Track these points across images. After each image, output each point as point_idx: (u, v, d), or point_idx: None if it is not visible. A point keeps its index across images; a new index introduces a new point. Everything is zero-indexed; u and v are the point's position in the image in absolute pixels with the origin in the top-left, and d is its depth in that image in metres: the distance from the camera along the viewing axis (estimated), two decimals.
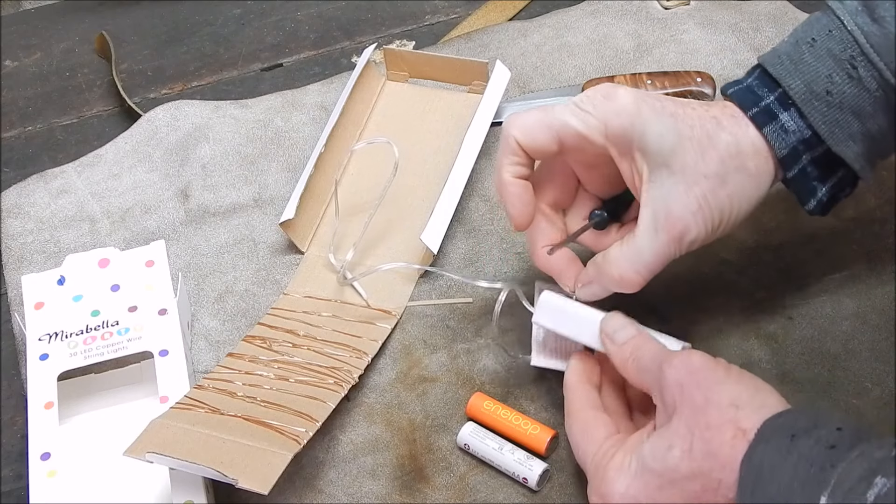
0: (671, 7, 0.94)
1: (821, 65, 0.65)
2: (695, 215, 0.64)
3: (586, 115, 0.64)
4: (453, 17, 0.99)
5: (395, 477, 0.69)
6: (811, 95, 0.65)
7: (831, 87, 0.65)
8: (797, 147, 0.66)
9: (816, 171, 0.67)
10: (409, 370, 0.74)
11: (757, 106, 0.66)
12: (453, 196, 0.79)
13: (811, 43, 0.66)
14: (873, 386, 0.70)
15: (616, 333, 0.64)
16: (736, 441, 0.56)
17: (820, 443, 0.53)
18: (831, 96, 0.65)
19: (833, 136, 0.65)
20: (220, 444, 0.65)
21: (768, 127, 0.65)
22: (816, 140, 0.66)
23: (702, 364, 0.59)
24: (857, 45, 0.64)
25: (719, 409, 0.57)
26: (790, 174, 0.67)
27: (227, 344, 0.76)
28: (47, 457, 0.66)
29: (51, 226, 0.84)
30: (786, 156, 0.66)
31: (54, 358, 0.70)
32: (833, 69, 0.65)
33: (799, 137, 0.66)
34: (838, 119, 0.65)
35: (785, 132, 0.66)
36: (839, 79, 0.65)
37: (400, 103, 0.89)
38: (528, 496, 0.68)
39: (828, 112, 0.65)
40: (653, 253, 0.64)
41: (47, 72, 0.98)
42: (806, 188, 0.67)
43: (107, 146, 0.89)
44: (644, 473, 0.58)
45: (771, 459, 0.54)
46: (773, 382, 0.70)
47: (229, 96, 0.94)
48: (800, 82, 0.65)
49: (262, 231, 0.83)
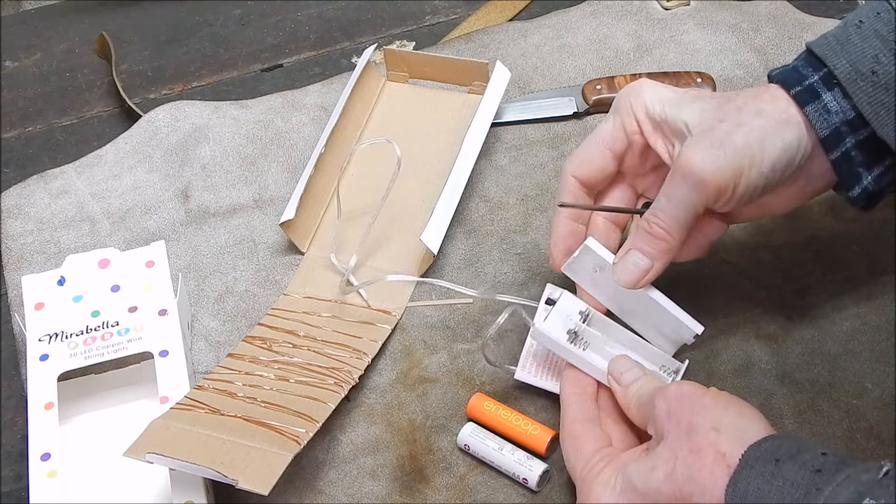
0: (671, 7, 0.94)
1: (867, 45, 0.63)
2: (708, 153, 0.63)
3: (623, 117, 0.68)
4: (453, 18, 0.99)
5: (395, 477, 0.69)
6: (856, 75, 0.63)
7: (877, 67, 0.63)
8: (840, 128, 0.64)
9: (862, 156, 0.65)
10: (409, 371, 0.74)
11: (800, 85, 0.65)
12: (453, 196, 0.79)
13: (858, 25, 0.64)
14: (873, 386, 0.70)
15: (622, 375, 0.65)
16: (715, 465, 0.56)
17: (805, 467, 0.53)
18: (877, 76, 0.63)
19: (878, 118, 0.63)
20: (220, 444, 0.65)
21: (810, 106, 0.64)
22: (861, 122, 0.64)
23: (690, 392, 0.60)
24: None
25: (701, 434, 0.57)
26: (833, 156, 0.65)
27: (227, 344, 0.76)
28: (47, 457, 0.66)
29: (51, 226, 0.84)
30: (827, 136, 0.64)
31: (54, 358, 0.70)
32: (880, 49, 0.63)
33: (842, 118, 0.64)
34: (884, 101, 0.63)
35: (827, 112, 0.64)
36: (886, 59, 0.63)
37: (400, 104, 0.89)
38: (528, 496, 0.68)
39: (873, 93, 0.63)
40: (677, 202, 0.64)
41: (47, 72, 0.98)
42: (850, 172, 0.65)
43: (107, 146, 0.89)
44: (627, 492, 0.59)
45: (756, 485, 0.54)
46: (773, 382, 0.71)
47: (229, 97, 0.94)
48: (845, 62, 0.64)
49: (262, 231, 0.83)
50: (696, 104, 0.66)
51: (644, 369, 0.66)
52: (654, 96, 0.67)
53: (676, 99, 0.67)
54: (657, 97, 0.67)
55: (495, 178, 0.84)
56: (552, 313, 0.69)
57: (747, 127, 0.63)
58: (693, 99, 0.66)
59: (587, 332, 0.68)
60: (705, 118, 0.64)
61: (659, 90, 0.67)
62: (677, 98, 0.67)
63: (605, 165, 0.69)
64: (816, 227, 0.78)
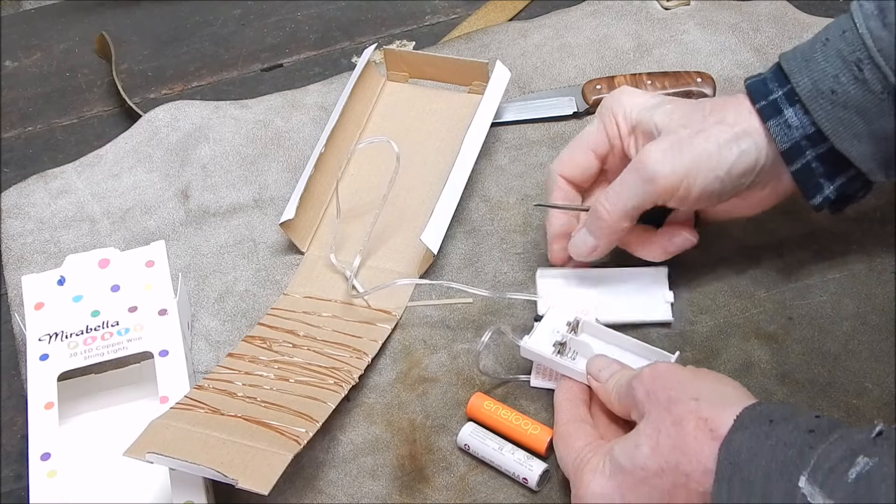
0: (671, 7, 0.94)
1: (829, 64, 0.66)
2: (665, 154, 0.67)
3: (605, 120, 0.73)
4: (453, 18, 0.99)
5: (395, 477, 0.69)
6: (816, 93, 0.67)
7: (836, 86, 0.66)
8: (800, 142, 0.68)
9: (823, 168, 0.69)
10: (409, 370, 0.74)
11: (765, 99, 0.68)
12: (453, 196, 0.79)
13: (825, 42, 0.67)
14: (873, 386, 0.70)
15: (600, 372, 0.66)
16: (698, 432, 0.57)
17: (798, 428, 0.54)
18: (836, 95, 0.66)
19: (837, 134, 0.67)
20: (220, 444, 0.65)
21: (772, 120, 0.68)
22: (821, 136, 0.67)
23: (665, 369, 0.62)
24: (865, 47, 0.65)
25: (681, 405, 0.58)
26: (793, 168, 0.69)
27: (227, 344, 0.76)
28: (47, 457, 0.66)
29: (51, 226, 0.84)
30: (788, 149, 0.68)
31: (54, 358, 0.70)
32: (840, 69, 0.66)
33: (802, 133, 0.68)
34: (842, 117, 0.66)
35: (788, 127, 0.68)
36: (845, 79, 0.66)
37: (400, 103, 0.89)
38: (528, 496, 0.68)
39: (832, 110, 0.66)
40: (634, 196, 0.68)
41: (47, 72, 0.98)
42: (811, 183, 0.69)
43: (107, 146, 0.89)
44: (616, 474, 0.60)
45: (749, 444, 0.55)
46: (773, 382, 0.71)
47: (229, 96, 0.94)
48: (807, 80, 0.67)
49: (262, 231, 0.83)
50: (668, 109, 0.70)
51: (622, 365, 0.67)
52: (633, 102, 0.72)
53: (651, 104, 0.71)
54: (635, 102, 0.72)
55: (495, 178, 0.84)
56: (537, 329, 0.71)
57: (706, 134, 0.68)
58: (666, 105, 0.70)
59: (575, 341, 0.69)
60: (672, 123, 0.69)
61: (637, 96, 0.72)
62: (652, 103, 0.71)
63: (589, 165, 0.74)
64: (816, 226, 0.78)
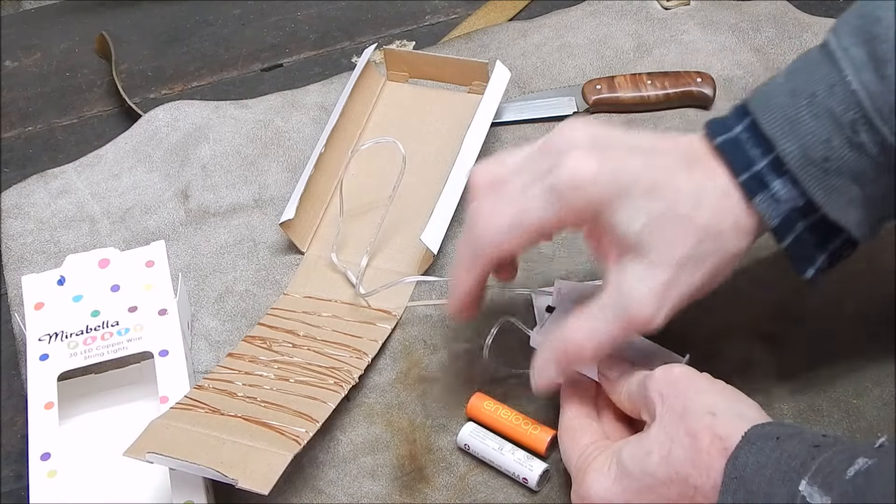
0: (671, 7, 0.94)
1: (819, 127, 0.58)
2: (659, 304, 0.60)
3: (554, 205, 0.60)
4: (453, 17, 0.99)
5: (395, 477, 0.69)
6: (807, 161, 0.58)
7: (829, 152, 0.58)
8: (790, 215, 0.60)
9: (814, 238, 0.61)
10: (409, 370, 0.74)
11: (748, 171, 0.60)
12: (453, 196, 0.79)
13: (810, 99, 0.59)
14: (873, 386, 0.70)
15: (611, 370, 0.65)
16: (712, 448, 0.56)
17: (804, 442, 0.54)
18: (828, 162, 0.58)
19: (831, 204, 0.59)
20: (220, 444, 0.65)
21: (759, 196, 0.60)
22: (811, 207, 0.60)
23: (682, 375, 0.60)
24: (860, 107, 0.57)
25: (697, 417, 0.57)
26: (784, 243, 0.61)
27: (227, 344, 0.76)
28: (47, 457, 0.66)
29: (51, 226, 0.84)
30: (778, 226, 0.60)
31: (54, 358, 0.70)
32: (833, 132, 0.58)
33: (792, 206, 0.60)
34: (836, 186, 0.59)
35: (777, 202, 0.60)
36: (839, 143, 0.58)
37: (400, 103, 0.89)
38: (528, 496, 0.68)
39: (825, 179, 0.59)
40: (609, 335, 0.61)
41: (47, 72, 0.98)
42: (804, 256, 0.62)
43: (107, 146, 0.89)
44: (622, 478, 0.59)
45: (756, 459, 0.54)
46: (773, 382, 0.71)
47: (229, 96, 0.94)
48: (795, 146, 0.59)
49: (262, 231, 0.83)
50: (643, 214, 0.58)
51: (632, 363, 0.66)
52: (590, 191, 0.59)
53: (615, 191, 0.59)
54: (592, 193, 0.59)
55: None
56: (549, 321, 0.69)
57: (702, 265, 0.59)
58: (638, 202, 0.59)
59: None
60: (655, 241, 0.59)
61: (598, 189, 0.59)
62: (615, 190, 0.59)
63: (524, 248, 0.63)
64: None
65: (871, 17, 0.58)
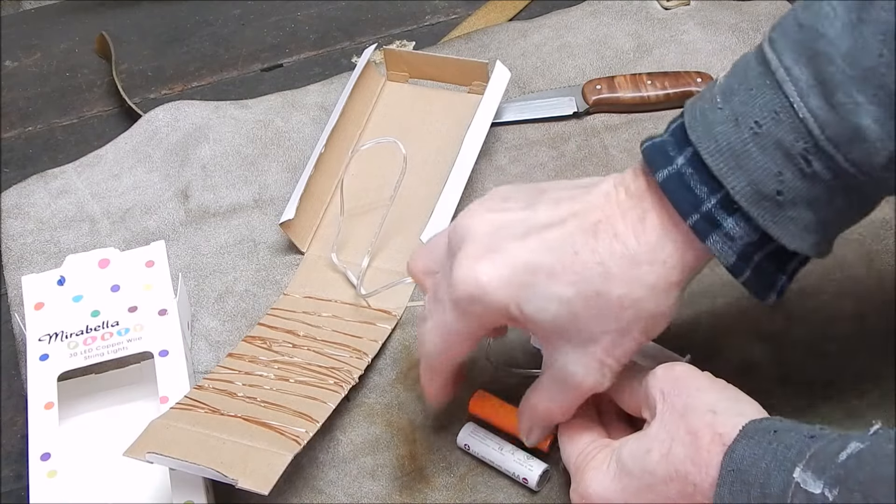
0: (671, 7, 0.94)
1: (768, 160, 0.54)
2: (601, 374, 0.60)
3: (465, 318, 0.59)
4: (453, 18, 0.99)
5: (395, 477, 0.69)
6: (759, 197, 0.55)
7: (781, 185, 0.54)
8: (745, 250, 0.57)
9: (773, 265, 0.58)
10: (409, 370, 0.74)
11: (697, 211, 0.56)
12: (453, 196, 0.79)
13: (755, 130, 0.54)
14: (873, 386, 0.70)
15: None
16: (712, 445, 0.56)
17: (800, 434, 0.53)
18: (782, 195, 0.55)
19: (787, 234, 0.56)
20: (220, 444, 0.65)
21: (712, 237, 0.56)
22: (766, 238, 0.56)
23: (684, 373, 0.60)
24: (811, 136, 0.53)
25: (697, 415, 0.57)
26: (742, 278, 0.58)
27: (227, 344, 0.76)
28: (47, 457, 0.66)
29: (51, 226, 0.84)
30: (734, 263, 0.57)
31: (54, 358, 0.70)
32: (783, 165, 0.54)
33: (746, 241, 0.56)
34: (791, 216, 0.55)
35: (731, 239, 0.56)
36: (790, 175, 0.54)
37: (400, 103, 0.89)
38: (528, 496, 0.68)
39: (778, 212, 0.55)
40: (567, 403, 0.62)
41: (47, 72, 0.98)
42: (763, 283, 0.59)
43: (107, 146, 0.89)
44: (622, 476, 0.59)
45: (752, 452, 0.54)
46: (773, 383, 0.71)
47: (229, 96, 0.94)
48: (744, 183, 0.55)
49: (262, 231, 0.83)
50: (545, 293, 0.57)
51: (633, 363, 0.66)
52: (488, 299, 0.58)
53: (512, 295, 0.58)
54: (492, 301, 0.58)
55: (495, 178, 0.84)
56: None
57: (636, 330, 0.58)
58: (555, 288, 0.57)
59: None
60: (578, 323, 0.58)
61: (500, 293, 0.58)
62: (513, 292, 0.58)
63: (474, 346, 0.63)
64: None
65: (812, 32, 0.53)
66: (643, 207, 0.58)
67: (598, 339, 0.58)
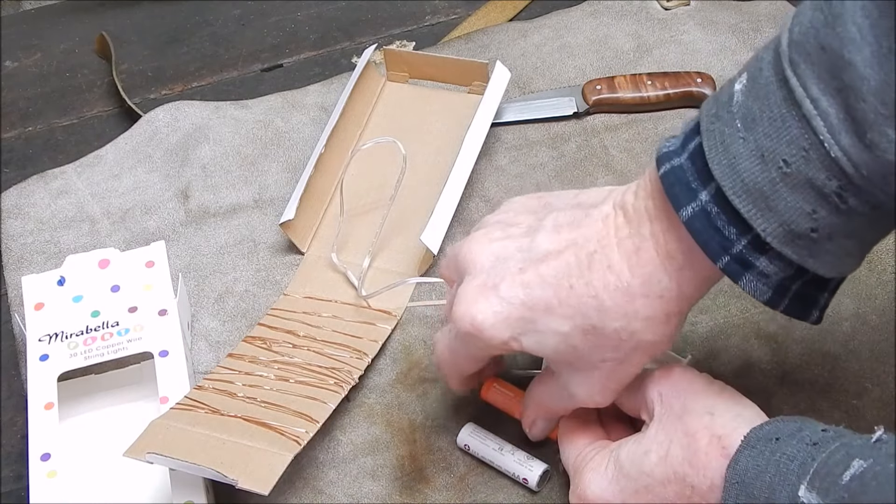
0: (671, 7, 0.94)
1: (800, 199, 0.51)
2: (606, 396, 0.61)
3: (469, 347, 0.61)
4: (453, 18, 0.99)
5: (396, 477, 0.69)
6: (792, 236, 0.52)
7: (816, 223, 0.51)
8: (782, 283, 0.54)
9: (813, 288, 0.55)
10: (409, 371, 0.74)
11: (728, 254, 0.53)
12: (453, 196, 0.79)
13: (783, 169, 0.50)
14: (873, 386, 0.70)
15: None
16: (710, 448, 0.56)
17: (803, 441, 0.53)
18: (817, 232, 0.51)
19: (825, 265, 0.53)
20: (220, 444, 0.65)
21: (745, 277, 0.54)
22: (803, 270, 0.54)
23: (681, 375, 0.61)
24: (844, 175, 0.49)
25: (695, 417, 0.57)
26: (780, 308, 0.55)
27: (227, 344, 0.76)
28: (47, 457, 0.66)
29: (51, 226, 0.84)
30: (771, 297, 0.54)
31: (54, 358, 0.70)
32: (816, 203, 0.51)
33: (782, 276, 0.54)
34: (829, 249, 0.52)
35: (765, 277, 0.54)
36: (825, 212, 0.51)
37: (400, 104, 0.89)
38: (528, 496, 0.68)
39: (814, 247, 0.52)
40: (570, 408, 0.64)
41: (47, 72, 0.98)
42: (806, 307, 0.56)
43: (107, 147, 0.89)
44: (620, 477, 0.59)
45: (755, 463, 0.54)
46: (774, 383, 0.71)
47: (229, 97, 0.94)
48: (776, 224, 0.51)
49: (262, 231, 0.83)
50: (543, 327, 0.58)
51: None
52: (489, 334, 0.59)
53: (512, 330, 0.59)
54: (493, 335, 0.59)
55: (495, 178, 0.84)
56: None
57: (636, 360, 0.59)
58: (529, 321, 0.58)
59: None
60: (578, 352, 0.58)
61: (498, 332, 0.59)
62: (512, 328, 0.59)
63: (480, 366, 0.66)
64: None
65: (838, 59, 0.48)
66: (641, 235, 0.56)
67: (599, 367, 0.59)
